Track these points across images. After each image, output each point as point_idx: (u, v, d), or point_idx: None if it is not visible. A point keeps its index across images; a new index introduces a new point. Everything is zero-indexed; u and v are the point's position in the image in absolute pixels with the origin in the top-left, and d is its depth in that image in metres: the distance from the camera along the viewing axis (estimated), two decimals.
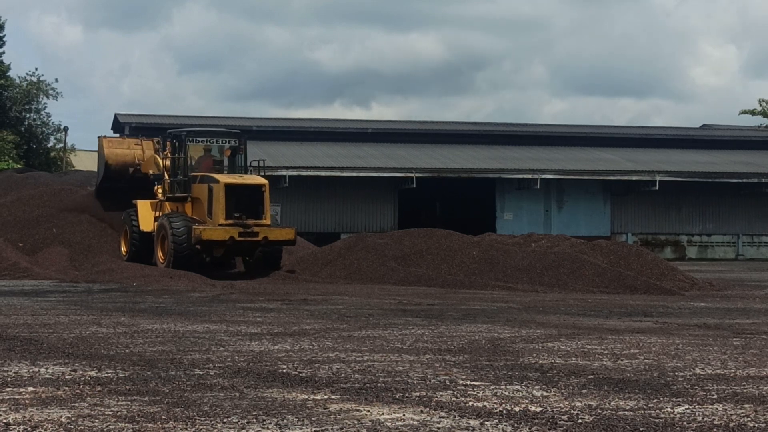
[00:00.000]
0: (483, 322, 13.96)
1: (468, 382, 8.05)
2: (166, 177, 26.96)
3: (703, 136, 57.06)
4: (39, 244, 27.57)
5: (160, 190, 27.25)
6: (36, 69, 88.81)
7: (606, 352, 10.35)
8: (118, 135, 41.68)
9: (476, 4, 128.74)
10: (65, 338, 11.12)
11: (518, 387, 7.86)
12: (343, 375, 8.35)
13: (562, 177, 47.12)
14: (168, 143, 27.08)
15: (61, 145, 65.03)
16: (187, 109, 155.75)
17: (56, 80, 76.82)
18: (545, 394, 7.58)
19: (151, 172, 27.57)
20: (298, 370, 8.62)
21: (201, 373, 8.41)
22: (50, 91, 62.51)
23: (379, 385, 7.85)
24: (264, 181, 25.94)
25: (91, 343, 10.63)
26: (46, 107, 63.93)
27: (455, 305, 17.49)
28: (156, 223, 26.37)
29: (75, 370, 8.46)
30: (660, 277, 23.64)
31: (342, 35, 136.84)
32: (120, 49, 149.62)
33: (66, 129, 64.15)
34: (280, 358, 9.47)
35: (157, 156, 27.77)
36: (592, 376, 8.48)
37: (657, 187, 47.16)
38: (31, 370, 8.43)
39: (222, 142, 27.10)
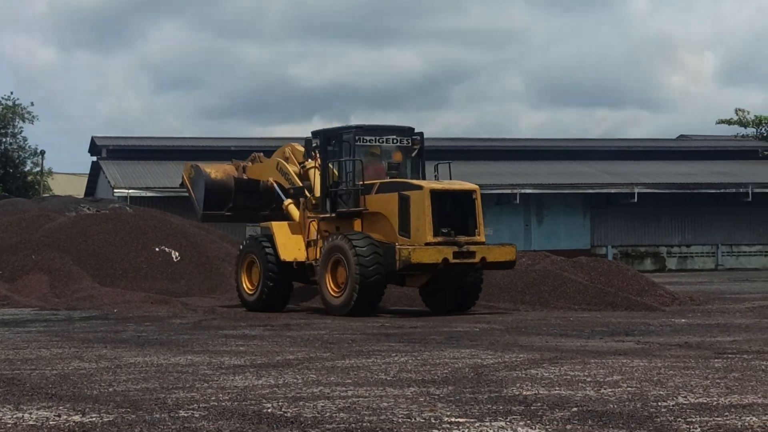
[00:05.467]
0: (466, 347, 14.01)
1: (453, 419, 8.07)
2: (315, 188, 22.04)
3: (680, 147, 57.47)
4: (18, 272, 27.36)
5: (292, 208, 22.60)
6: (11, 93, 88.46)
7: (589, 379, 10.40)
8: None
9: (451, 18, 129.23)
10: (47, 376, 11.09)
11: (503, 424, 7.88)
12: (328, 414, 8.35)
13: (541, 191, 47.32)
14: (314, 146, 22.08)
15: (38, 168, 64.76)
16: (165, 128, 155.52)
17: (32, 104, 76.59)
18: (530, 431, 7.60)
19: (271, 180, 23.15)
20: (282, 409, 8.61)
21: (186, 415, 8.40)
22: (26, 115, 62.31)
23: (364, 425, 7.85)
24: (475, 186, 21.14)
25: (74, 382, 10.60)
26: (22, 131, 63.71)
27: (437, 327, 17.54)
28: (318, 246, 21.41)
29: (59, 415, 8.43)
30: (640, 293, 23.74)
31: (318, 51, 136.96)
32: (95, 69, 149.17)
33: (43, 153, 63.91)
34: (265, 395, 9.46)
35: (283, 162, 23.14)
36: (576, 409, 8.52)
37: (636, 199, 47.40)
38: (15, 416, 8.40)
39: (396, 141, 21.60)
